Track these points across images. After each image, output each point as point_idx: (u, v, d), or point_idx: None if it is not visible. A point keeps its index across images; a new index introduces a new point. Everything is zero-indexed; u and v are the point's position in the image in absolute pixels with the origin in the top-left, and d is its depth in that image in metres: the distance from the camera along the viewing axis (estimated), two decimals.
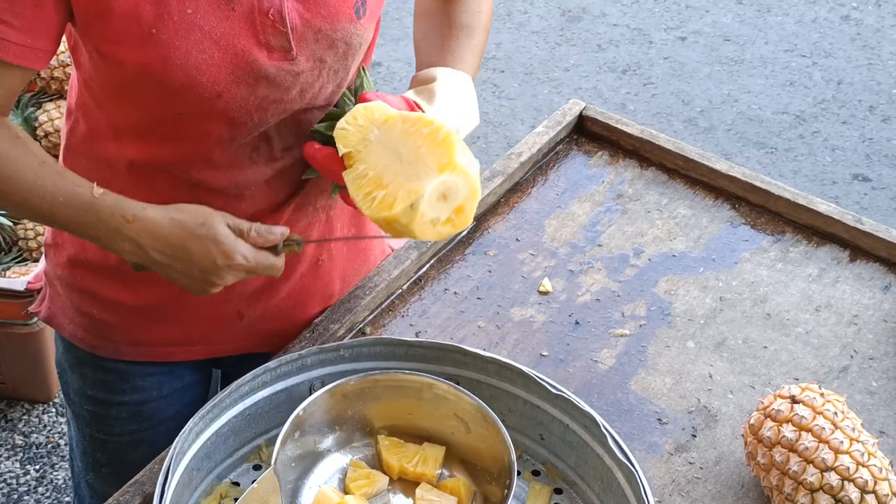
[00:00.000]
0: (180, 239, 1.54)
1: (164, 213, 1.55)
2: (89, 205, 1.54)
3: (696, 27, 4.88)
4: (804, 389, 1.58)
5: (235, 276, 1.58)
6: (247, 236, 1.56)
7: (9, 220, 3.14)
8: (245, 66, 1.54)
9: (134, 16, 1.48)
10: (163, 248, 1.55)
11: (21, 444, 3.13)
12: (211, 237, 1.54)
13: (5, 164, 1.53)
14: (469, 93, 1.70)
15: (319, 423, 1.55)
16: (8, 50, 1.48)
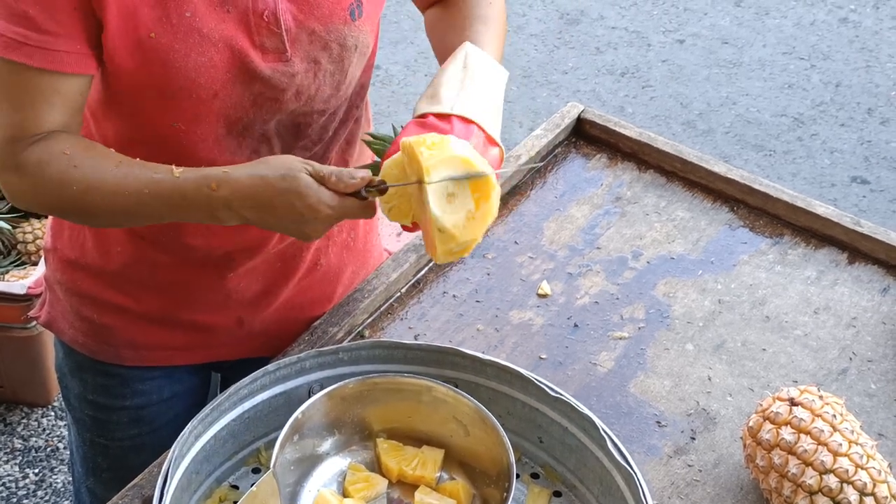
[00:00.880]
0: (266, 195, 1.48)
1: (246, 171, 1.50)
2: (173, 187, 1.51)
3: (694, 30, 4.88)
4: (803, 392, 1.58)
5: (326, 225, 1.52)
6: (328, 182, 1.48)
7: (8, 223, 3.14)
8: (241, 67, 1.55)
9: (132, 21, 1.49)
10: (252, 206, 1.49)
11: (20, 447, 3.13)
12: (294, 190, 1.47)
13: (87, 175, 1.52)
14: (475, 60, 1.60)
15: (318, 427, 1.55)
16: (59, 60, 1.48)
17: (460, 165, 1.41)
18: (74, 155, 1.53)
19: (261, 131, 1.63)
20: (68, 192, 1.53)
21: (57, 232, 1.82)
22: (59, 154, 1.52)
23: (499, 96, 1.59)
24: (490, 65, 1.60)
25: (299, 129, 1.66)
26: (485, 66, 1.59)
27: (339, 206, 1.49)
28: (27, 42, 1.46)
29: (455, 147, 1.42)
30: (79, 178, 1.52)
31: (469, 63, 1.58)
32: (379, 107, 4.37)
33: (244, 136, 1.62)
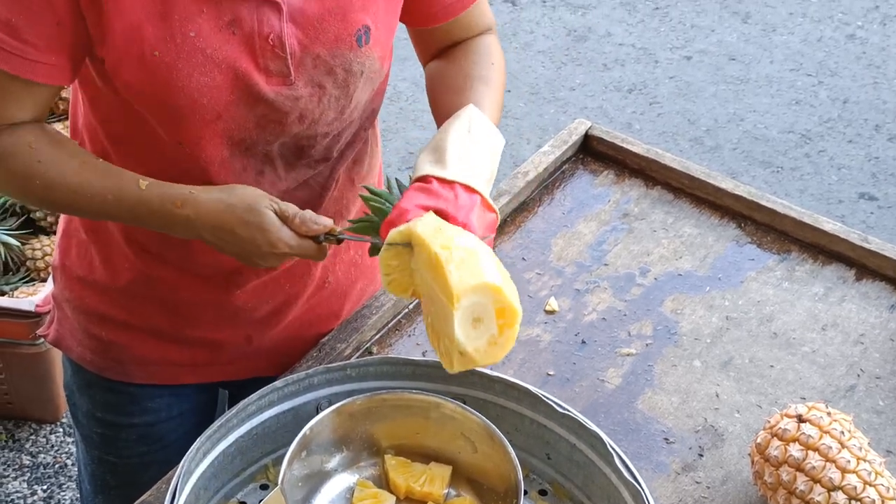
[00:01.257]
0: (228, 223, 1.54)
1: (213, 195, 1.55)
2: (137, 198, 1.56)
3: (701, 46, 4.89)
4: (811, 408, 1.58)
5: (279, 260, 1.59)
6: (291, 222, 1.55)
7: (17, 240, 3.15)
8: (244, 89, 1.55)
9: (136, 38, 1.49)
10: (212, 230, 1.55)
11: (28, 464, 3.14)
12: (257, 224, 1.53)
13: (49, 172, 1.57)
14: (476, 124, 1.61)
15: (326, 443, 1.55)
16: (35, 70, 1.51)
17: (490, 294, 1.40)
18: (39, 149, 1.57)
19: (264, 151, 1.63)
20: (31, 185, 1.58)
21: (65, 250, 1.83)
22: (24, 146, 1.56)
23: (496, 162, 1.61)
24: (491, 131, 1.62)
25: (302, 151, 1.66)
26: (486, 132, 1.61)
27: (296, 246, 1.56)
28: (4, 47, 1.49)
29: (487, 272, 1.40)
30: (41, 174, 1.57)
31: (473, 128, 1.60)
32: (387, 123, 4.38)
33: (248, 156, 1.63)
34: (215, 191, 1.56)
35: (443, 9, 1.74)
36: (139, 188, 1.55)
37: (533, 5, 5.08)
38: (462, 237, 1.44)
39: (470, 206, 1.51)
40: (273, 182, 1.67)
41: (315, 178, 1.72)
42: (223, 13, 1.51)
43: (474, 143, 1.58)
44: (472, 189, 1.53)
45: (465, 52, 1.77)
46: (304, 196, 1.71)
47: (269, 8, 1.53)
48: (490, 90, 1.71)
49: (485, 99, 1.68)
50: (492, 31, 1.82)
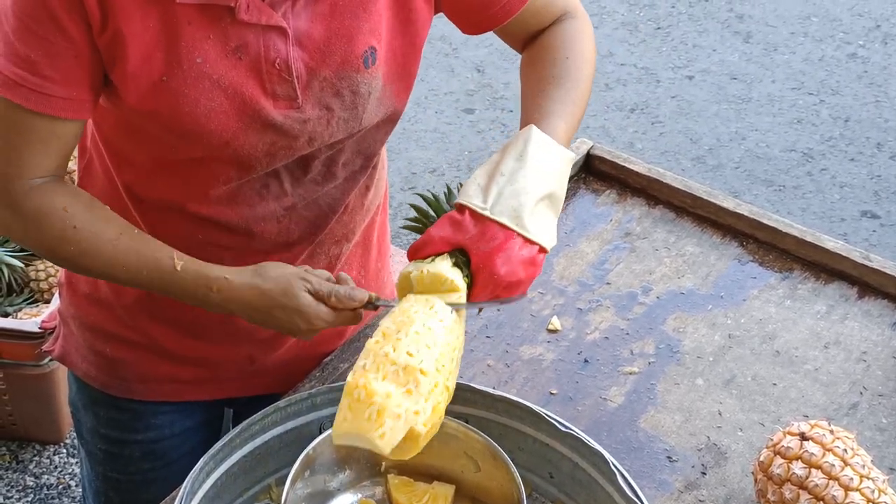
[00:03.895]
0: (266, 307, 1.57)
1: (246, 280, 1.58)
2: (171, 276, 1.58)
3: (703, 66, 4.90)
4: (814, 426, 1.58)
5: (317, 332, 1.61)
6: (327, 301, 1.57)
7: (20, 261, 3.15)
8: (252, 115, 1.56)
9: (146, 64, 1.50)
10: (249, 314, 1.60)
11: (32, 485, 3.13)
12: (293, 307, 1.56)
13: (85, 240, 1.58)
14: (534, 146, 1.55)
15: (329, 463, 1.55)
16: (55, 105, 1.51)
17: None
18: (75, 214, 1.57)
19: (270, 169, 1.64)
20: (65, 250, 1.59)
21: None
22: (59, 209, 1.57)
23: (555, 181, 1.54)
24: (552, 151, 1.56)
25: (307, 163, 1.67)
26: (543, 156, 1.54)
27: (334, 320, 1.59)
28: (25, 84, 1.49)
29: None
30: (77, 241, 1.57)
31: (527, 151, 1.54)
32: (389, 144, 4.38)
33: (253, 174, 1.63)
34: (248, 274, 1.58)
35: (500, 9, 1.70)
36: (174, 268, 1.58)
37: None
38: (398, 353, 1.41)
39: (497, 245, 1.48)
40: (278, 197, 1.67)
41: (324, 199, 1.72)
42: (229, 39, 1.52)
43: (523, 166, 1.52)
44: (506, 228, 1.48)
45: (541, 48, 1.74)
46: (312, 216, 1.72)
47: (275, 33, 1.53)
48: (564, 91, 1.66)
49: (556, 105, 1.63)
50: (572, 14, 1.76)
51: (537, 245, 1.51)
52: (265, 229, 1.69)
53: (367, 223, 1.85)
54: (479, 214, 1.49)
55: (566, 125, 1.63)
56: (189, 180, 1.63)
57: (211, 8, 1.50)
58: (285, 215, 1.70)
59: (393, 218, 3.88)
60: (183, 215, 1.67)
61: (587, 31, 1.75)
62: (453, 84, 4.78)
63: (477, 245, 1.48)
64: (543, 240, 1.52)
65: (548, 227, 1.53)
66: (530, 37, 1.77)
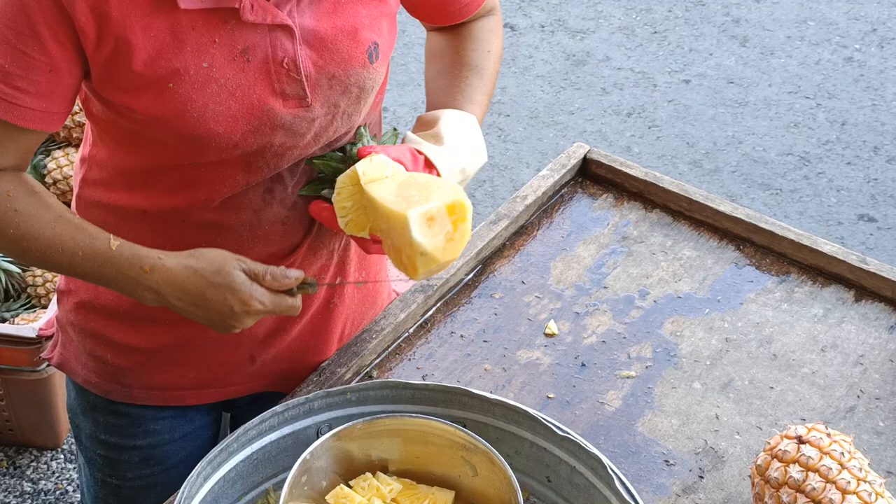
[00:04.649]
0: (198, 287, 1.56)
1: (180, 261, 1.57)
2: (106, 257, 1.57)
3: (699, 70, 4.91)
4: (811, 430, 1.58)
5: (254, 319, 1.60)
6: (262, 280, 1.57)
7: (17, 267, 3.15)
8: (261, 116, 1.56)
9: (151, 73, 1.51)
10: (181, 296, 1.57)
11: (30, 490, 3.13)
12: (227, 285, 1.55)
13: (24, 222, 1.57)
14: (475, 132, 1.74)
15: (327, 467, 1.55)
16: (24, 115, 1.53)
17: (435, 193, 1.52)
18: (17, 198, 1.58)
19: (275, 172, 1.64)
20: (5, 233, 1.59)
21: None
22: (2, 194, 1.57)
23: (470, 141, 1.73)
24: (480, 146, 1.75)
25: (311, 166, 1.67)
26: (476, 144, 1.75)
27: (270, 302, 1.58)
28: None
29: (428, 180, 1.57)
30: (16, 223, 1.58)
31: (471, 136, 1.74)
32: None
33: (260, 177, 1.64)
34: (183, 256, 1.58)
35: (459, 9, 1.82)
36: (109, 248, 1.57)
37: (532, 30, 5.10)
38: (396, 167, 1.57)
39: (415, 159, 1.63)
40: (282, 199, 1.68)
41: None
42: (236, 42, 1.52)
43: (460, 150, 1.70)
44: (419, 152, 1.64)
45: (466, 36, 1.85)
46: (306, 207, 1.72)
47: (282, 32, 1.54)
48: (483, 81, 1.81)
49: (476, 94, 1.79)
50: (494, 11, 1.89)
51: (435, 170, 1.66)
52: (268, 233, 1.70)
53: None
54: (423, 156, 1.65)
55: (482, 111, 1.79)
56: (195, 187, 1.63)
57: (215, 11, 1.50)
58: (289, 216, 1.70)
59: None
60: (187, 223, 1.67)
61: (501, 30, 1.90)
62: None
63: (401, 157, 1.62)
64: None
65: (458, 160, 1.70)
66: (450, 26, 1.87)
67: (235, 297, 1.56)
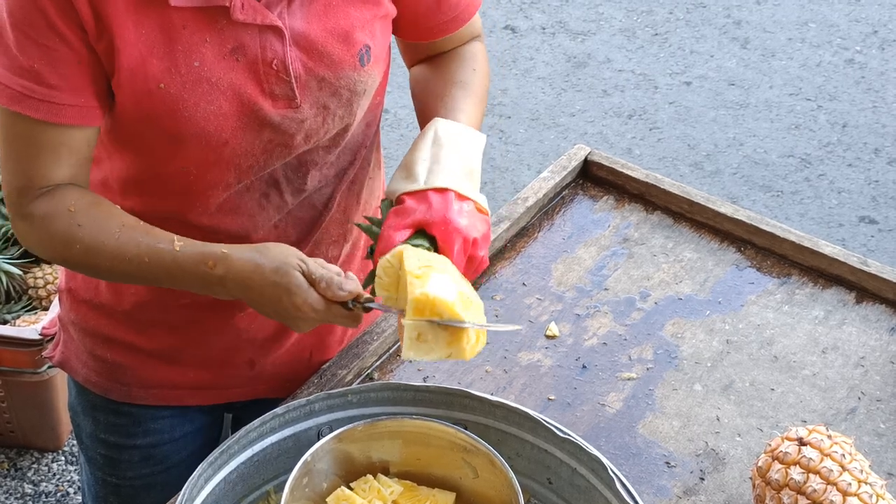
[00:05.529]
0: (257, 284, 1.53)
1: (244, 254, 1.53)
2: (172, 259, 1.55)
3: (700, 72, 4.91)
4: (812, 431, 1.58)
5: (310, 325, 1.56)
6: (317, 286, 1.52)
7: (19, 268, 3.15)
8: (250, 115, 1.56)
9: (142, 72, 1.51)
10: (244, 291, 1.54)
11: (31, 492, 3.13)
12: (284, 285, 1.51)
13: (88, 236, 1.56)
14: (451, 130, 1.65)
15: (328, 469, 1.55)
16: (62, 112, 1.51)
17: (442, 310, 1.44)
18: (79, 212, 1.56)
19: (269, 173, 1.64)
20: (73, 250, 1.58)
21: (71, 273, 1.84)
22: (64, 211, 1.56)
23: (474, 159, 1.63)
24: (462, 132, 1.64)
25: (306, 167, 1.67)
26: (456, 136, 1.63)
27: (324, 312, 1.53)
28: (32, 95, 1.49)
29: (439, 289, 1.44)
30: (81, 238, 1.56)
31: (439, 136, 1.62)
32: (388, 150, 4.40)
33: (252, 180, 1.64)
34: (248, 250, 1.54)
35: (439, 25, 1.77)
36: (174, 249, 1.55)
37: (533, 32, 5.11)
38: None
39: (444, 206, 1.54)
40: (279, 206, 1.68)
41: (316, 197, 1.73)
42: (226, 41, 1.52)
43: (441, 149, 1.60)
44: (443, 189, 1.55)
45: (450, 58, 1.81)
46: (307, 217, 1.72)
47: (272, 33, 1.54)
48: (469, 94, 1.74)
49: (460, 103, 1.72)
50: (479, 39, 1.86)
51: (472, 201, 1.57)
52: (264, 237, 1.70)
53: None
54: (417, 192, 1.55)
55: (470, 119, 1.70)
56: (188, 190, 1.63)
57: (206, 10, 1.50)
58: (282, 220, 1.70)
59: None
60: (183, 227, 1.67)
61: (486, 55, 1.85)
62: None
63: (427, 215, 1.53)
64: (478, 199, 1.58)
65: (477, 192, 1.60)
66: (433, 55, 1.83)
67: (290, 299, 1.51)
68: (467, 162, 1.60)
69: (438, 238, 1.52)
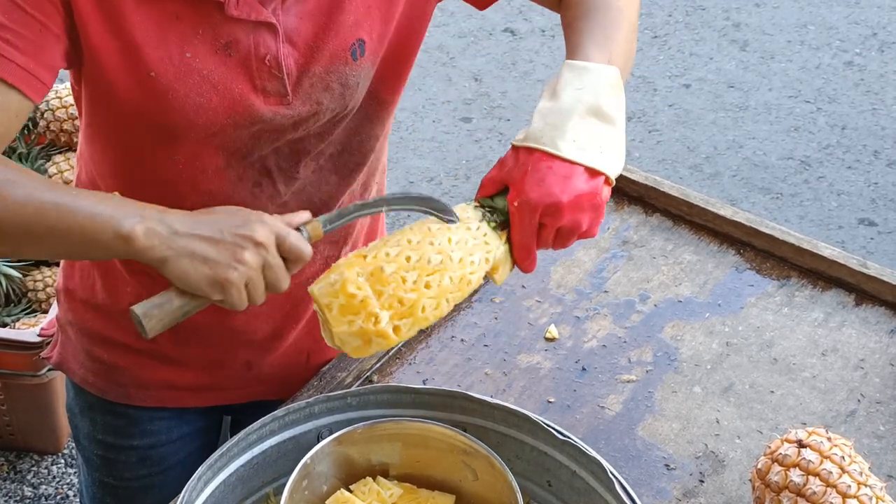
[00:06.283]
0: (208, 210, 1.46)
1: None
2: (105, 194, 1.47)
3: (700, 74, 4.91)
4: (811, 434, 1.58)
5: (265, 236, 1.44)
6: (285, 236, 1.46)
7: (18, 271, 3.15)
8: (242, 111, 1.56)
9: (134, 59, 1.50)
10: (184, 218, 1.43)
11: (30, 495, 3.13)
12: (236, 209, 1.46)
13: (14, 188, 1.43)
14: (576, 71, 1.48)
15: (327, 472, 1.55)
16: (10, 70, 1.45)
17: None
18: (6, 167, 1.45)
19: (260, 161, 1.63)
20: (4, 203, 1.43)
21: (68, 273, 1.84)
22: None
23: (598, 100, 1.46)
24: (584, 72, 1.47)
25: (298, 155, 1.65)
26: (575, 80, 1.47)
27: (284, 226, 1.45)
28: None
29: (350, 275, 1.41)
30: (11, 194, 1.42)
31: (556, 85, 1.48)
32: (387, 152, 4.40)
33: (244, 166, 1.63)
34: None
35: None
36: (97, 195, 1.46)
37: (532, 34, 5.11)
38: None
39: (522, 169, 1.43)
40: (272, 196, 1.67)
41: (317, 196, 1.72)
42: (219, 36, 1.52)
43: (553, 99, 1.46)
44: (530, 150, 1.43)
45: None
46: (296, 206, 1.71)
47: (266, 29, 1.54)
48: (599, 18, 1.56)
49: (585, 35, 1.54)
50: None
51: (579, 165, 1.43)
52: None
53: (366, 230, 1.86)
54: (515, 147, 1.46)
55: (602, 49, 1.51)
56: (176, 179, 1.61)
57: (201, 4, 1.50)
58: (277, 212, 1.69)
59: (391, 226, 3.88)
60: None
61: None
62: (451, 93, 4.79)
63: (511, 174, 1.44)
64: (583, 157, 1.43)
65: (596, 144, 1.44)
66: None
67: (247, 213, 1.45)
68: (587, 103, 1.45)
69: (509, 201, 1.45)
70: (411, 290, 1.41)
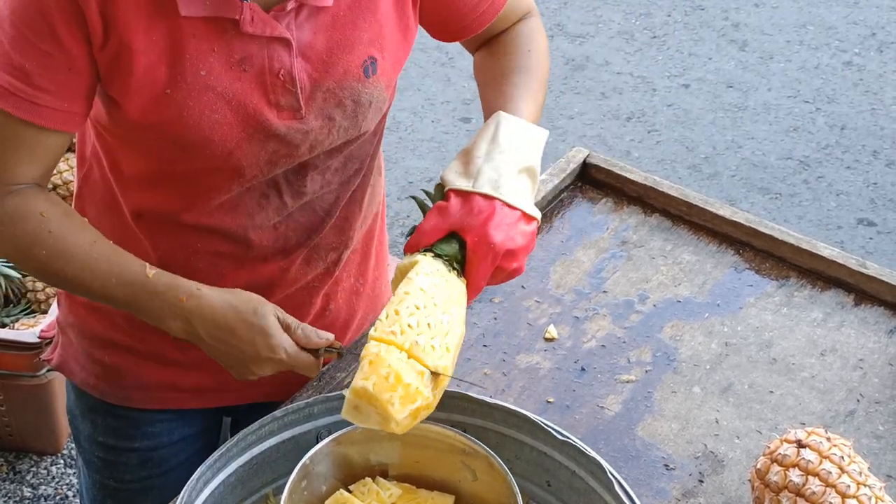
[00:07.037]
0: (231, 323, 1.57)
1: (219, 294, 1.58)
2: (142, 284, 1.57)
3: (699, 74, 4.91)
4: (810, 434, 1.58)
5: (273, 369, 1.61)
6: (292, 333, 1.59)
7: (17, 272, 3.15)
8: (256, 126, 1.57)
9: (149, 77, 1.51)
10: (212, 330, 1.58)
11: (29, 496, 3.13)
12: (260, 327, 1.57)
13: (59, 243, 1.57)
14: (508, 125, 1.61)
15: (326, 472, 1.55)
16: (46, 115, 1.52)
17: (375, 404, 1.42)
18: (51, 219, 1.58)
19: (269, 177, 1.65)
20: (36, 253, 1.58)
21: None
22: (35, 213, 1.57)
23: (532, 156, 1.59)
24: (521, 130, 1.61)
25: (306, 171, 1.67)
26: (515, 133, 1.60)
27: (294, 355, 1.59)
28: (17, 93, 1.50)
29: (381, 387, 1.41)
30: (50, 244, 1.57)
31: (498, 133, 1.59)
32: (386, 153, 4.39)
33: (253, 182, 1.64)
34: (221, 292, 1.59)
35: (475, 19, 1.75)
36: (146, 275, 1.58)
37: None
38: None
39: (484, 216, 1.51)
40: (278, 207, 1.68)
41: (318, 203, 1.73)
42: (234, 52, 1.53)
43: (497, 148, 1.57)
44: (489, 197, 1.52)
45: (503, 44, 1.79)
46: (306, 221, 1.72)
47: (279, 44, 1.54)
48: (528, 81, 1.71)
49: (520, 90, 1.69)
50: (531, 14, 1.82)
51: (519, 211, 1.53)
52: (262, 236, 1.70)
53: (366, 232, 1.86)
54: (463, 192, 1.52)
55: (530, 108, 1.67)
56: (189, 191, 1.64)
57: (215, 21, 1.51)
58: (282, 222, 1.70)
59: (390, 227, 3.88)
60: (181, 225, 1.67)
61: (542, 29, 1.82)
62: (450, 93, 4.79)
63: (466, 221, 1.51)
64: (527, 207, 1.54)
65: (530, 194, 1.57)
66: (490, 38, 1.81)
67: (265, 341, 1.57)
68: (524, 161, 1.57)
69: (469, 246, 1.51)
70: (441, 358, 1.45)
